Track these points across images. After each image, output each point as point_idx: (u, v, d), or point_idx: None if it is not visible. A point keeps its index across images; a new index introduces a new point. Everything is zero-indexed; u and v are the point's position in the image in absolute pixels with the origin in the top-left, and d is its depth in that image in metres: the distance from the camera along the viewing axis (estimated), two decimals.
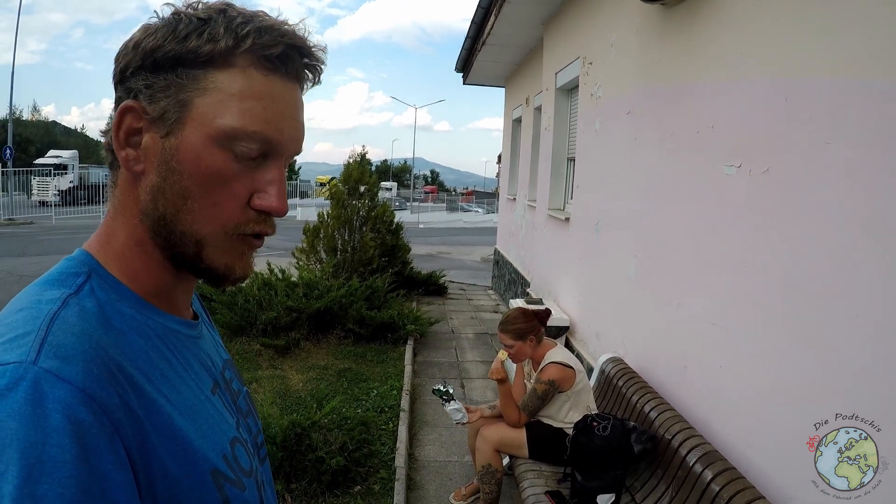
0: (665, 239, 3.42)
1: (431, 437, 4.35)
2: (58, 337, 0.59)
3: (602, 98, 4.69)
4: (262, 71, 0.70)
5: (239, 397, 0.88)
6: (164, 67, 0.68)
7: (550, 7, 6.15)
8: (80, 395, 0.55)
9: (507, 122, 11.03)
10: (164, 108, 0.68)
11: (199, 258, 0.71)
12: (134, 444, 0.60)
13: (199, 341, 0.81)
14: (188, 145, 0.68)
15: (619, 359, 3.74)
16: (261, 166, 0.71)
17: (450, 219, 37.07)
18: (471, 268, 14.61)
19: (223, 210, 0.70)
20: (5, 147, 22.50)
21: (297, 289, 6.56)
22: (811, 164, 2.15)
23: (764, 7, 2.47)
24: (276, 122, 0.70)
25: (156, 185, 0.69)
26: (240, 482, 0.73)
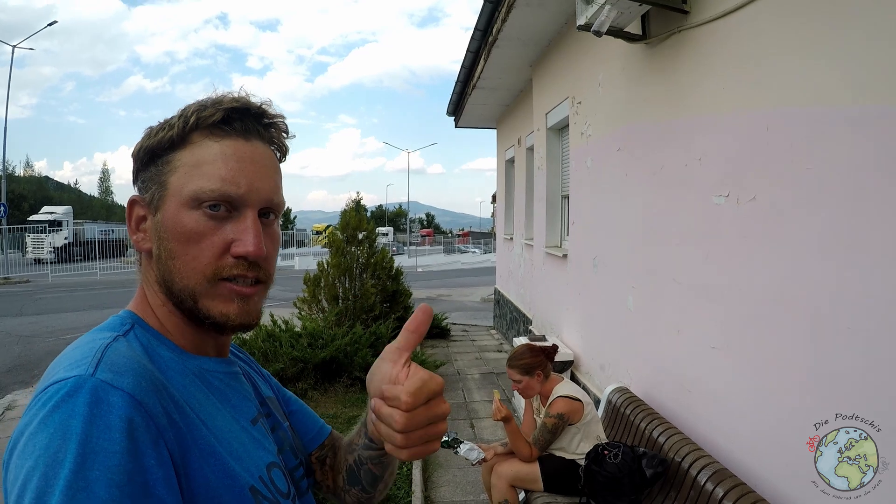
0: (661, 270, 3.51)
1: (446, 479, 4.35)
2: (111, 358, 0.69)
3: (592, 136, 4.83)
4: (214, 138, 0.82)
5: (277, 431, 0.96)
6: (148, 162, 0.84)
7: (538, 49, 6.36)
8: (131, 400, 0.65)
9: (500, 162, 11.22)
10: (152, 193, 0.83)
11: (197, 309, 0.81)
12: (177, 451, 0.69)
13: (237, 377, 0.92)
14: (169, 215, 0.81)
15: (625, 388, 3.79)
16: (233, 219, 0.81)
17: (447, 261, 37.17)
18: (471, 309, 14.65)
19: (201, 260, 0.80)
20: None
21: (302, 339, 6.60)
22: (794, 190, 2.26)
23: (743, 42, 2.61)
24: (232, 177, 0.80)
25: (156, 255, 0.83)
26: (277, 502, 0.81)
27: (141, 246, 0.85)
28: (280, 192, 0.87)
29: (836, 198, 2.05)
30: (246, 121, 0.85)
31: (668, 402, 3.37)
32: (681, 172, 3.20)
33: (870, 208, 1.91)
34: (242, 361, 1.02)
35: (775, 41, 2.36)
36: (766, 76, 2.42)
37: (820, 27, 2.12)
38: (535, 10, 5.11)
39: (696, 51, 2.98)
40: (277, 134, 0.89)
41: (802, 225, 2.22)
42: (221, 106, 0.82)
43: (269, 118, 0.88)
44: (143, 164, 0.85)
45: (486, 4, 5.70)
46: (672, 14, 3.09)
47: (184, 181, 0.80)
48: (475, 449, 3.36)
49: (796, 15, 2.25)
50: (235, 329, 0.83)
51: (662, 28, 3.28)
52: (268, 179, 0.84)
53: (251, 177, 0.82)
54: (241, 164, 0.81)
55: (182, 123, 0.82)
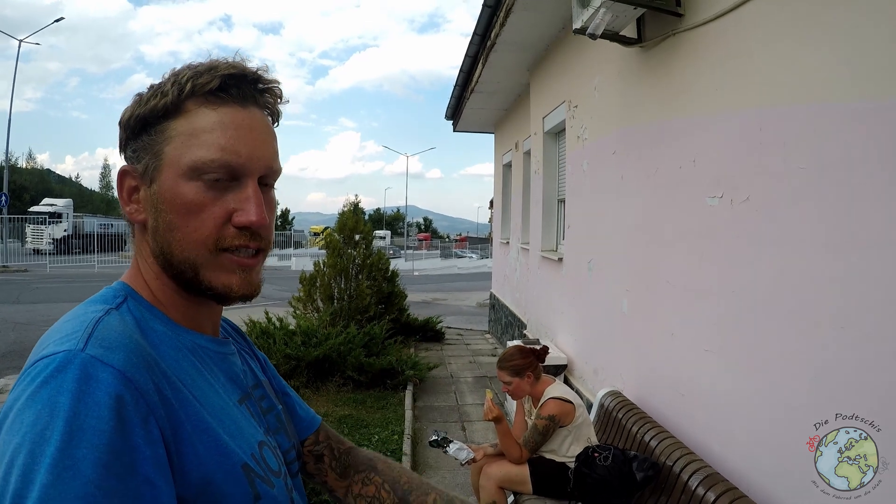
0: (655, 272, 3.50)
1: (435, 480, 4.31)
2: (102, 333, 0.68)
3: (588, 140, 4.84)
4: (211, 107, 0.80)
5: (269, 413, 0.95)
6: (139, 131, 0.81)
7: (535, 54, 6.38)
8: (121, 377, 0.64)
9: (497, 167, 11.24)
10: (145, 163, 0.80)
11: (198, 280, 0.80)
12: (168, 428, 0.67)
13: (228, 357, 0.90)
14: (166, 187, 0.79)
15: (618, 392, 3.78)
16: (234, 188, 0.80)
17: (444, 265, 37.17)
18: (467, 313, 14.63)
19: (203, 231, 0.78)
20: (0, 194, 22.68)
21: (296, 337, 6.59)
22: (787, 189, 2.26)
23: (735, 43, 2.61)
24: (231, 146, 0.79)
25: (152, 227, 0.81)
26: (269, 480, 0.80)
27: (135, 217, 0.83)
28: (278, 159, 0.86)
29: (830, 196, 2.05)
30: (242, 87, 0.82)
31: (662, 406, 3.36)
32: (675, 174, 3.20)
33: (865, 206, 1.91)
34: (238, 341, 1.02)
35: (767, 41, 2.37)
36: (758, 76, 2.42)
37: (812, 24, 2.13)
38: (533, 14, 5.12)
39: (690, 53, 2.98)
40: (273, 99, 0.88)
41: (796, 224, 2.22)
42: (217, 72, 0.80)
43: (264, 83, 0.85)
44: (133, 133, 0.82)
45: (484, 9, 5.72)
46: (667, 17, 3.10)
47: (181, 151, 0.78)
48: (464, 449, 3.35)
49: (788, 13, 2.26)
50: (237, 300, 0.82)
51: (657, 31, 3.28)
52: (267, 147, 0.83)
53: (251, 145, 0.80)
54: (239, 132, 0.80)
55: (176, 91, 0.79)
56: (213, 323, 0.91)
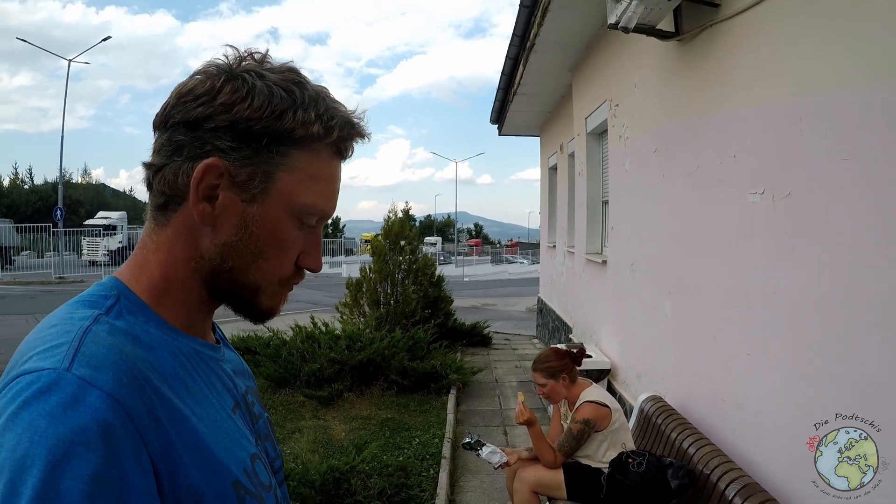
0: (697, 273, 3.39)
1: (473, 484, 4.29)
2: (90, 348, 0.62)
3: (630, 139, 4.73)
4: (331, 155, 0.79)
5: (259, 421, 0.91)
6: (255, 139, 0.73)
7: (576, 53, 6.29)
8: (110, 401, 0.59)
9: (543, 170, 11.14)
10: (249, 174, 0.74)
11: (252, 303, 0.80)
12: (158, 452, 0.62)
13: (221, 363, 0.86)
14: (271, 215, 0.75)
15: (659, 397, 3.66)
16: (310, 232, 0.80)
17: (495, 271, 37.05)
18: (515, 318, 14.53)
19: (283, 267, 0.79)
20: (56, 208, 23.51)
21: (340, 341, 6.67)
22: (830, 183, 2.14)
23: (773, 32, 2.50)
24: (332, 199, 0.80)
25: (228, 243, 0.75)
26: (260, 496, 0.75)
27: (203, 219, 0.74)
28: None
29: (876, 189, 1.93)
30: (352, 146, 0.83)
31: (702, 412, 3.24)
32: (716, 171, 3.09)
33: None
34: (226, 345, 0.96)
35: (806, 27, 2.26)
36: (798, 65, 2.31)
37: (852, 8, 2.02)
38: (570, 13, 5.06)
39: (728, 45, 2.88)
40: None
41: (840, 220, 2.10)
42: (355, 133, 0.81)
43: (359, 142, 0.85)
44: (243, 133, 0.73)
45: (521, 9, 5.68)
46: (703, 8, 3.00)
47: (298, 188, 0.76)
48: (497, 452, 3.31)
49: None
50: (267, 320, 0.85)
51: (694, 24, 3.18)
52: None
53: (337, 198, 0.83)
54: (336, 186, 0.82)
55: (322, 131, 0.76)
56: (209, 327, 0.88)
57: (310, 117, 0.74)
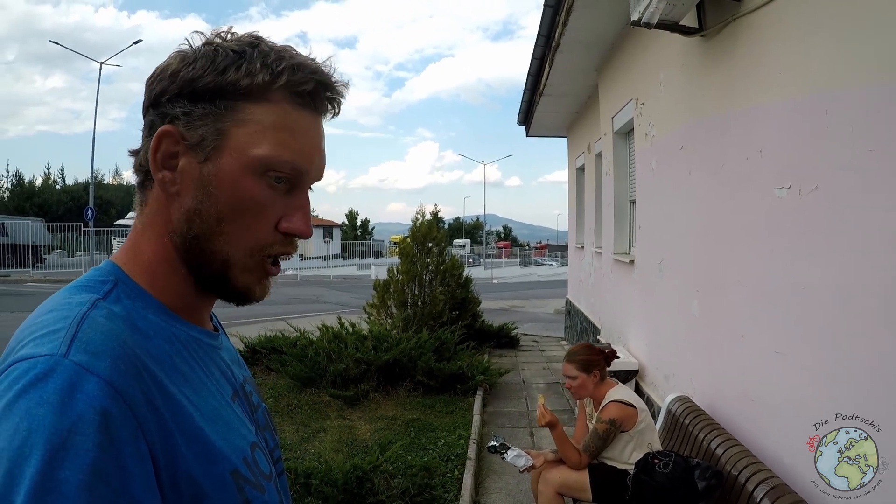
0: (724, 271, 3.33)
1: (498, 486, 4.27)
2: (87, 334, 0.61)
3: (656, 136, 4.68)
4: (292, 105, 0.74)
5: (257, 411, 0.89)
6: (203, 97, 0.72)
7: (601, 52, 6.24)
8: (108, 389, 0.57)
9: (571, 171, 11.07)
10: (201, 135, 0.72)
11: (223, 277, 0.75)
12: (157, 441, 0.61)
13: (220, 351, 0.84)
14: (225, 172, 0.72)
15: (687, 398, 3.60)
16: (289, 193, 0.76)
17: (523, 273, 36.92)
18: (544, 320, 14.45)
19: (253, 233, 0.74)
20: (87, 208, 23.87)
21: (367, 341, 6.69)
22: (856, 175, 2.09)
23: (796, 24, 2.45)
24: (305, 153, 0.75)
25: (191, 208, 0.73)
26: (259, 485, 0.74)
27: (166, 188, 0.74)
28: None
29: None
30: (323, 96, 0.78)
31: (731, 413, 3.18)
32: (742, 166, 3.03)
33: None
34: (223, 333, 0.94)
35: (829, 18, 2.21)
36: (822, 57, 2.26)
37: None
38: (594, 11, 5.01)
39: (752, 38, 2.82)
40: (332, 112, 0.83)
41: (868, 214, 2.05)
42: (315, 77, 0.75)
43: (339, 97, 0.81)
44: (190, 95, 0.72)
45: (546, 9, 5.65)
46: (726, 3, 2.96)
47: (253, 140, 0.72)
48: (522, 456, 3.28)
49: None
50: (250, 302, 0.79)
51: (717, 18, 3.13)
52: (324, 159, 0.81)
53: (317, 156, 0.78)
54: (310, 140, 0.77)
55: (269, 77, 0.72)
56: (208, 315, 0.86)
57: (255, 66, 0.72)
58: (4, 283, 20.53)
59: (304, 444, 4.87)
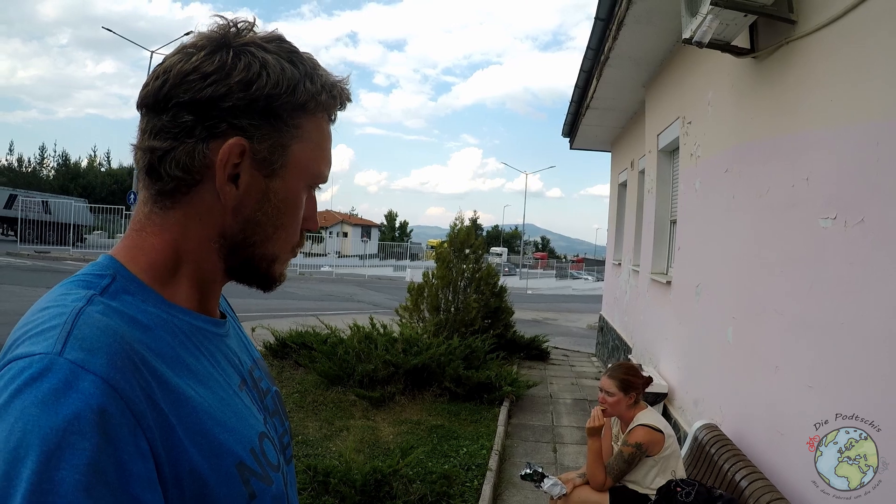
0: (763, 299, 3.25)
1: (517, 500, 4.23)
2: (83, 331, 0.60)
3: (701, 157, 4.60)
4: (325, 118, 0.81)
5: (267, 396, 0.89)
6: (273, 113, 0.73)
7: (650, 69, 6.17)
8: (104, 386, 0.56)
9: (612, 186, 10.95)
10: (269, 150, 0.74)
11: (268, 273, 0.82)
12: (158, 437, 0.60)
13: (226, 339, 0.83)
14: (291, 188, 0.78)
15: (715, 426, 3.52)
16: (309, 196, 0.83)
17: (559, 286, 36.62)
18: (576, 335, 14.30)
19: (293, 234, 0.81)
20: (130, 192, 24.44)
21: (397, 344, 6.72)
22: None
23: (850, 50, 2.39)
24: (329, 163, 0.83)
25: (252, 218, 0.76)
26: (267, 476, 0.74)
27: (229, 201, 0.74)
28: None
29: None
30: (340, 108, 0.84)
31: (758, 445, 3.09)
32: (788, 194, 2.96)
33: None
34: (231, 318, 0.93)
35: (884, 47, 2.14)
36: (876, 85, 2.19)
37: None
38: (645, 27, 4.96)
39: (804, 63, 2.75)
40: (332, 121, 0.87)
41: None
42: (346, 96, 0.83)
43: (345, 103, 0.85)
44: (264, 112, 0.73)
45: (597, 22, 5.61)
46: (779, 25, 2.88)
47: (309, 157, 0.79)
48: (558, 484, 3.25)
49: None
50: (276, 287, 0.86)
51: (770, 40, 3.06)
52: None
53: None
54: (331, 149, 0.83)
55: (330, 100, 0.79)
56: (216, 303, 0.85)
57: (317, 88, 0.77)
58: (44, 259, 21.21)
59: (326, 441, 4.91)
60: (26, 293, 12.01)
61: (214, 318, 0.82)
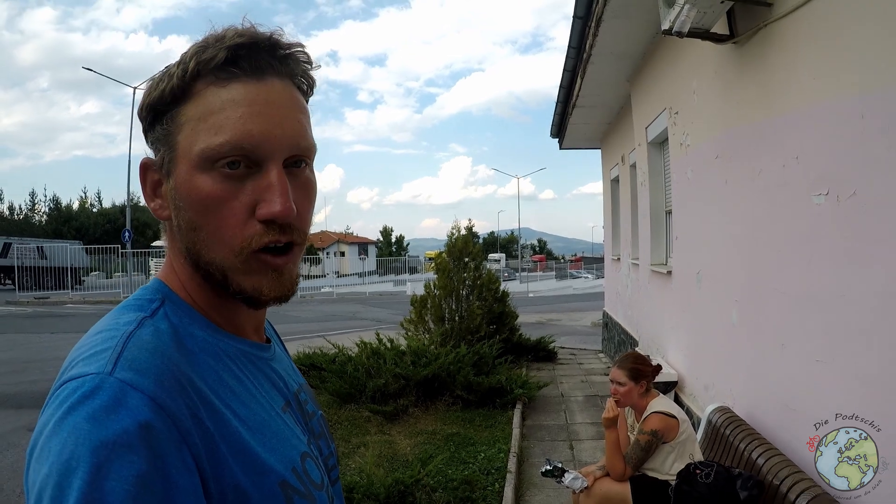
0: (763, 280, 3.30)
1: (539, 499, 4.25)
2: (132, 352, 0.63)
3: (691, 146, 4.66)
4: (219, 85, 0.70)
5: (312, 419, 0.90)
6: (153, 121, 0.74)
7: (633, 62, 6.24)
8: (151, 404, 0.59)
9: (605, 182, 11.01)
10: (162, 156, 0.73)
11: (227, 284, 0.73)
12: (203, 454, 0.62)
13: (270, 363, 0.84)
14: (181, 181, 0.71)
15: (727, 408, 3.56)
16: (255, 175, 0.70)
17: (559, 286, 36.66)
18: (581, 333, 14.32)
19: (227, 231, 0.70)
20: (124, 230, 24.03)
21: (406, 357, 6.74)
22: (893, 180, 2.07)
23: (826, 28, 2.45)
24: (244, 126, 0.69)
25: (176, 226, 0.74)
26: (310, 494, 0.75)
27: (160, 214, 0.76)
28: (307, 134, 0.75)
29: None
30: (256, 57, 0.71)
31: (771, 422, 3.13)
32: (779, 174, 3.01)
33: None
34: (277, 343, 0.95)
35: (858, 21, 2.20)
36: (854, 59, 2.25)
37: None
38: (624, 22, 5.03)
39: (784, 44, 2.82)
40: (297, 66, 0.76)
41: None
42: (224, 44, 0.70)
43: (283, 49, 0.74)
44: (149, 125, 0.74)
45: (576, 20, 5.69)
46: (756, 9, 2.95)
47: (192, 139, 0.70)
48: (579, 478, 3.28)
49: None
50: (270, 303, 0.75)
51: (749, 25, 3.13)
52: (290, 122, 0.72)
53: (268, 122, 0.70)
54: (253, 108, 0.69)
55: (181, 72, 0.70)
56: (257, 323, 0.85)
57: (172, 69, 0.72)
58: (45, 305, 21.16)
59: (346, 459, 4.93)
60: (31, 340, 12.01)
61: (258, 343, 0.84)
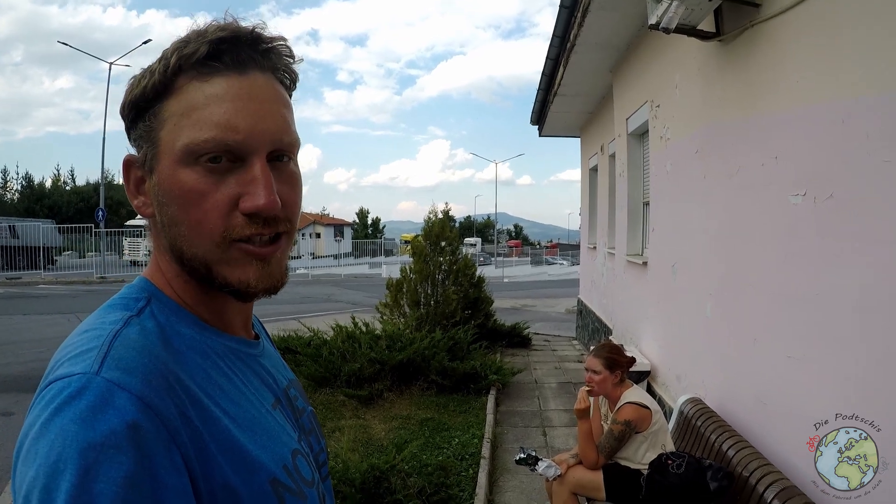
0: (739, 275, 3.36)
1: (512, 484, 4.32)
2: (119, 352, 0.62)
3: (671, 140, 4.70)
4: (202, 79, 0.70)
5: (303, 415, 0.90)
6: (135, 118, 0.74)
7: (616, 54, 6.26)
8: (139, 404, 0.58)
9: (584, 171, 11.07)
10: (145, 152, 0.73)
11: (211, 277, 0.72)
12: (192, 453, 0.62)
13: (259, 359, 0.84)
14: (164, 176, 0.71)
15: (699, 399, 3.64)
16: (239, 170, 0.70)
17: (534, 272, 36.90)
18: (555, 319, 14.46)
19: (207, 224, 0.70)
20: (98, 209, 23.66)
21: (381, 341, 6.75)
22: (871, 185, 2.11)
23: (814, 32, 2.48)
24: (227, 121, 0.69)
25: (159, 222, 0.74)
26: (301, 492, 0.74)
27: (143, 211, 0.76)
28: (291, 129, 0.75)
29: None
30: (238, 51, 0.72)
31: (742, 415, 3.21)
32: (758, 172, 3.06)
33: None
34: (266, 339, 0.95)
35: (847, 27, 2.23)
36: (839, 65, 2.29)
37: (892, 8, 1.99)
38: (610, 13, 5.04)
39: (770, 45, 2.85)
40: (279, 60, 0.76)
41: (881, 222, 2.08)
42: (205, 38, 0.70)
43: (265, 43, 0.74)
44: (131, 122, 0.74)
45: (562, 10, 5.68)
46: (744, 8, 2.98)
47: (174, 134, 0.70)
48: (553, 466, 3.32)
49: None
50: (258, 295, 0.75)
51: (735, 24, 3.16)
52: (273, 117, 0.72)
53: (251, 117, 0.70)
54: (236, 103, 0.70)
55: (163, 67, 0.70)
56: (245, 319, 0.84)
57: (154, 65, 0.72)
58: (17, 286, 20.65)
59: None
60: (2, 322, 11.76)
61: (247, 339, 0.83)
